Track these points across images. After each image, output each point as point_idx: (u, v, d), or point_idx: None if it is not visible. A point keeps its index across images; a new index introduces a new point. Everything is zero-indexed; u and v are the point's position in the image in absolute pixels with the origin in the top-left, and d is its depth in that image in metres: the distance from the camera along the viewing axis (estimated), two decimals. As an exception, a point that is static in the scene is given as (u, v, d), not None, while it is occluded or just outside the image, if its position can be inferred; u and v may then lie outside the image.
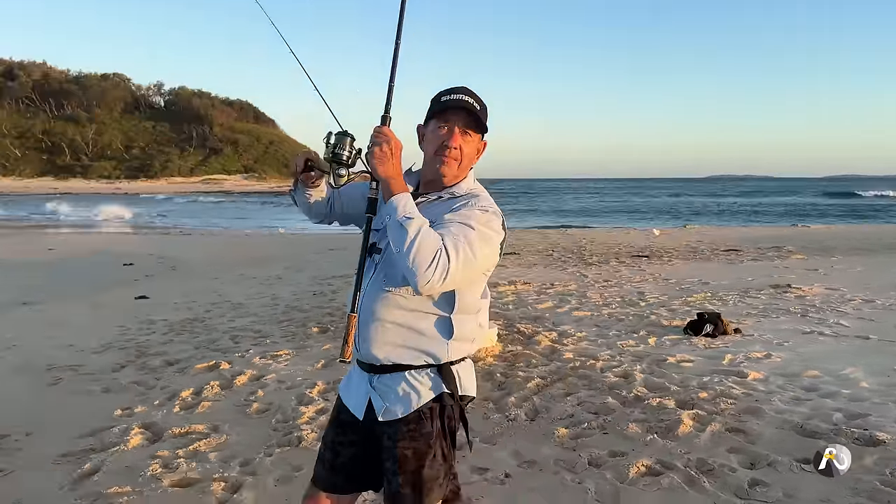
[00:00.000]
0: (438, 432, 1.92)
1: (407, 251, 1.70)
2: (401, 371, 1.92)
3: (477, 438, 3.99)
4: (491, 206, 1.93)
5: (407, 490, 1.90)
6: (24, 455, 3.93)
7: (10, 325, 7.74)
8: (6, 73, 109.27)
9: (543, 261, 13.03)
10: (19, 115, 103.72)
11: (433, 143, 1.96)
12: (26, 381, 5.49)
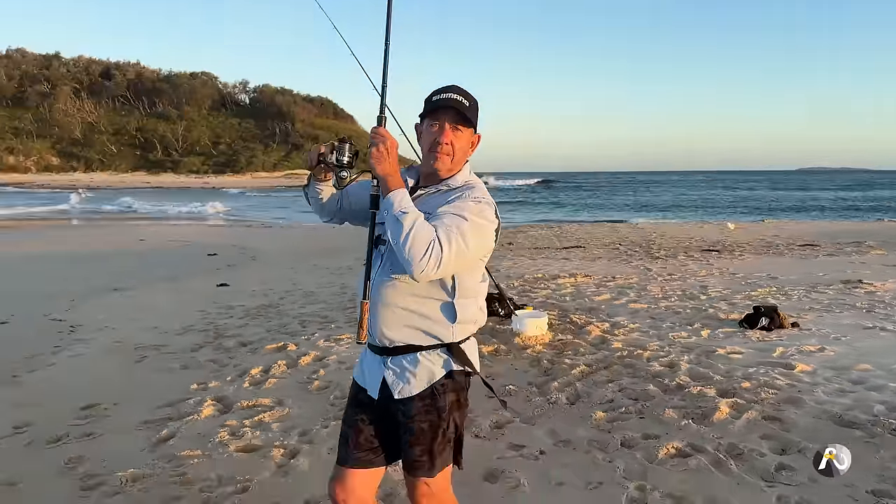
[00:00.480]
0: (452, 405, 2.12)
1: (403, 243, 1.89)
2: (413, 352, 2.10)
3: (517, 419, 4.23)
4: (484, 197, 2.09)
5: (424, 458, 2.11)
6: (111, 422, 4.41)
7: (103, 309, 8.44)
8: (103, 73, 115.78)
9: (609, 254, 13.03)
10: (115, 112, 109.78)
11: (427, 141, 2.13)
12: (116, 359, 6.05)
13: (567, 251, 13.67)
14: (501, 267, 11.18)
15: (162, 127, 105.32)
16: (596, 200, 53.01)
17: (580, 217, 32.39)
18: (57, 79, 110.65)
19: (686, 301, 7.83)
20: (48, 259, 13.93)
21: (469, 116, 2.11)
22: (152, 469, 3.63)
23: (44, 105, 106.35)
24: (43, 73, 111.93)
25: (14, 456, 3.90)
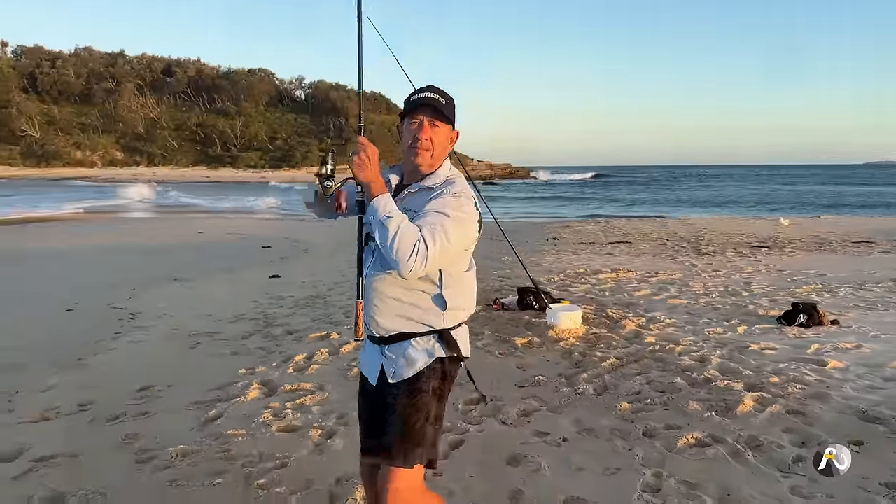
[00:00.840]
0: (434, 391, 2.22)
1: (390, 246, 2.03)
2: (406, 339, 2.23)
3: (544, 408, 4.39)
4: (464, 192, 2.21)
5: (399, 444, 2.19)
6: (164, 402, 4.75)
7: (163, 298, 8.89)
8: (165, 70, 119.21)
9: (655, 250, 12.98)
10: (176, 108, 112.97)
11: (407, 138, 2.25)
12: (172, 345, 6.43)
13: (612, 246, 13.66)
14: (544, 262, 11.29)
15: (221, 123, 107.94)
16: (649, 195, 52.24)
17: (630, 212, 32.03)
18: (121, 76, 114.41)
19: (727, 297, 7.82)
20: (113, 250, 14.62)
21: (446, 113, 2.24)
22: (200, 446, 3.93)
23: (109, 101, 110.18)
24: (108, 70, 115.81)
25: (77, 431, 4.25)
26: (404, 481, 2.18)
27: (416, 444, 2.19)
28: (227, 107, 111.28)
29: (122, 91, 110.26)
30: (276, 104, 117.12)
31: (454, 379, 2.32)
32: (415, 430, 2.19)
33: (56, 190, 49.68)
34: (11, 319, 7.70)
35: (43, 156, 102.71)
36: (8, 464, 3.77)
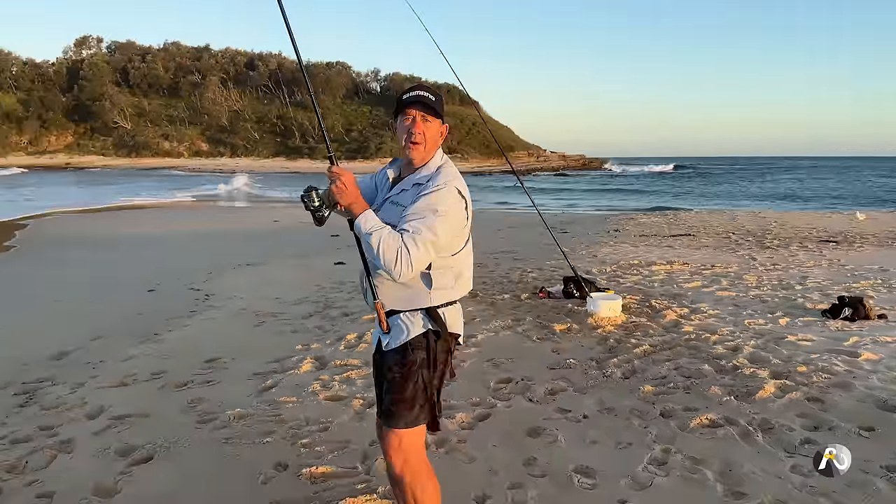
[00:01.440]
0: (422, 362, 2.43)
1: (377, 257, 2.27)
2: (397, 314, 2.46)
3: (570, 388, 4.65)
4: (447, 183, 2.39)
5: (393, 408, 2.43)
6: (228, 372, 5.26)
7: (237, 281, 9.54)
8: (248, 63, 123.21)
9: (717, 243, 12.87)
10: (258, 101, 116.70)
11: (401, 133, 2.46)
12: (240, 322, 6.99)
13: (674, 239, 13.61)
14: (599, 253, 11.41)
15: (300, 115, 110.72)
16: (728, 187, 50.73)
17: (703, 205, 31.35)
18: (207, 69, 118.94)
19: (778, 291, 7.81)
20: (197, 237, 15.57)
21: (436, 109, 2.45)
22: (255, 410, 4.39)
23: (195, 94, 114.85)
24: (195, 64, 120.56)
25: (150, 395, 4.79)
26: (402, 440, 2.46)
27: (408, 408, 2.44)
28: (306, 99, 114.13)
29: (208, 84, 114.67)
30: (352, 97, 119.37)
31: (450, 351, 2.54)
32: (405, 395, 2.44)
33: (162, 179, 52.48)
34: (101, 298, 8.48)
35: (133, 146, 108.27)
36: (91, 420, 4.33)
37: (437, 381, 2.50)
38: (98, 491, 3.40)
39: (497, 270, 9.63)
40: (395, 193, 2.52)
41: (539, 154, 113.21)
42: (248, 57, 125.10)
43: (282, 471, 3.53)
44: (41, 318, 7.46)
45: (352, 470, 3.51)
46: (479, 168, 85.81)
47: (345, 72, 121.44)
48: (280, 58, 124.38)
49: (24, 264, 11.66)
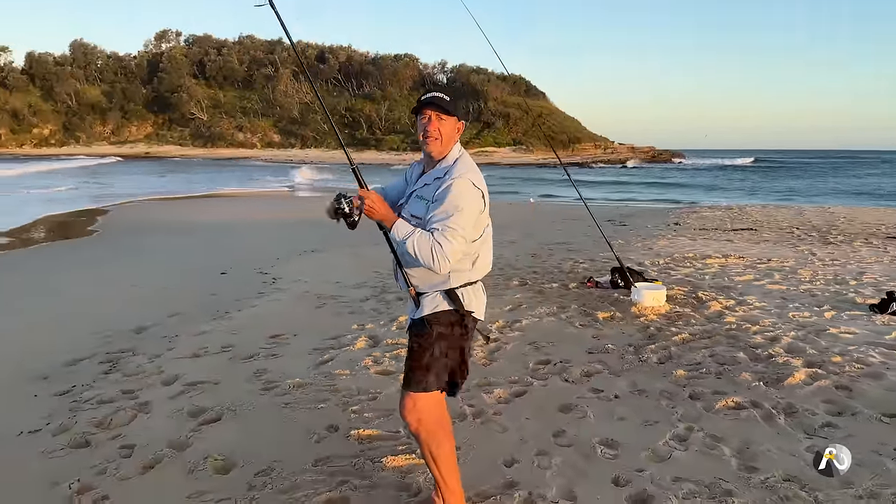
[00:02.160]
0: (438, 335, 2.72)
1: (415, 259, 2.57)
2: (423, 294, 2.77)
3: (606, 371, 4.90)
4: (463, 175, 2.63)
5: (410, 373, 2.75)
6: (289, 348, 5.71)
7: (302, 266, 10.07)
8: (319, 56, 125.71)
9: (779, 237, 12.72)
10: (328, 93, 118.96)
11: (420, 132, 2.73)
12: (302, 304, 7.47)
13: (734, 233, 13.50)
14: (655, 246, 11.48)
15: (367, 107, 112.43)
16: (809, 182, 49.02)
17: (774, 199, 30.52)
18: (279, 62, 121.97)
19: (830, 285, 7.79)
20: (265, 224, 16.32)
21: (449, 108, 2.70)
22: (312, 380, 4.81)
23: (268, 87, 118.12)
24: (268, 57, 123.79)
25: (219, 366, 5.28)
26: (417, 402, 2.76)
27: (423, 374, 2.74)
28: (374, 91, 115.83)
29: (280, 77, 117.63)
30: (418, 88, 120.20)
31: (467, 328, 2.81)
32: (422, 363, 2.75)
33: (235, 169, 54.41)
34: (178, 280, 9.14)
35: (209, 137, 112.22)
36: (167, 386, 4.83)
37: (455, 352, 2.79)
38: (172, 444, 3.86)
39: (549, 261, 9.86)
40: (419, 187, 2.80)
41: (606, 146, 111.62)
42: (318, 50, 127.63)
43: (333, 432, 3.93)
44: (123, 297, 8.12)
45: (395, 434, 3.87)
46: (544, 160, 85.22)
47: (412, 64, 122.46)
48: (350, 50, 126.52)
49: (105, 248, 12.55)
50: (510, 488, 3.24)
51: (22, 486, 3.47)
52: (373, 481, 3.34)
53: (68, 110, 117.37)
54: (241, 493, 3.26)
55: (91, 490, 3.38)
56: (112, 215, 18.34)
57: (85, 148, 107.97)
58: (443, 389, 2.84)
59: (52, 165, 50.49)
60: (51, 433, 4.11)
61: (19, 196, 24.40)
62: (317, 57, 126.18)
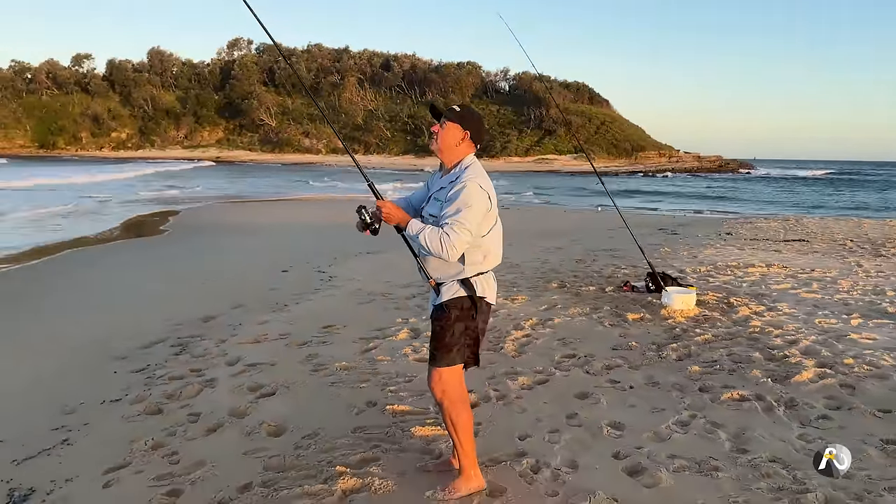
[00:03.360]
0: (456, 317, 3.17)
1: (427, 250, 3.04)
2: (442, 283, 3.21)
3: (625, 365, 5.28)
4: (471, 180, 3.08)
5: (434, 351, 3.22)
6: (338, 337, 6.28)
7: (357, 266, 10.70)
8: (383, 64, 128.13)
9: (829, 249, 12.68)
10: (391, 101, 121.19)
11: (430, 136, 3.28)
12: (353, 300, 8.05)
13: (785, 244, 13.51)
14: (701, 254, 11.65)
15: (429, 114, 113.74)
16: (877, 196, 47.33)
17: (837, 212, 29.77)
18: (345, 70, 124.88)
19: (867, 295, 7.91)
20: (325, 226, 17.09)
21: (451, 116, 3.21)
22: (356, 364, 5.36)
23: (334, 94, 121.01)
24: (334, 65, 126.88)
25: (276, 350, 5.88)
26: (442, 375, 3.24)
27: (446, 352, 3.19)
28: (436, 99, 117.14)
29: (346, 84, 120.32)
30: (480, 96, 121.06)
31: (481, 310, 3.27)
32: (444, 342, 3.20)
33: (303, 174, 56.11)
34: (244, 277, 9.88)
35: (277, 143, 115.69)
36: (230, 366, 5.46)
37: (472, 331, 3.25)
38: (233, 413, 4.45)
39: (592, 266, 10.21)
40: (435, 191, 3.31)
41: (671, 154, 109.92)
42: (383, 58, 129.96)
43: (371, 406, 4.46)
44: (192, 290, 8.89)
45: (425, 410, 4.36)
46: (605, 168, 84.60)
47: (475, 71, 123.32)
48: (413, 58, 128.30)
49: (175, 246, 13.50)
50: (520, 457, 3.69)
51: (106, 443, 4.11)
52: (401, 446, 3.85)
53: (144, 115, 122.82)
54: (289, 451, 3.81)
55: (162, 447, 3.99)
56: (183, 216, 19.49)
57: (159, 151, 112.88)
58: (465, 364, 3.31)
59: (150, 169, 53.55)
60: (129, 402, 4.77)
61: (106, 200, 26.09)
62: (382, 65, 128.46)
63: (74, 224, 17.12)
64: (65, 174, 39.79)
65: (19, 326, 7.03)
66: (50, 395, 5.03)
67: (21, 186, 30.88)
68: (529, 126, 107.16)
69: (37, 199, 23.36)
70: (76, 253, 12.40)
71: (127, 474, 3.69)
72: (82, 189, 30.42)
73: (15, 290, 8.92)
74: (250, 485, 3.44)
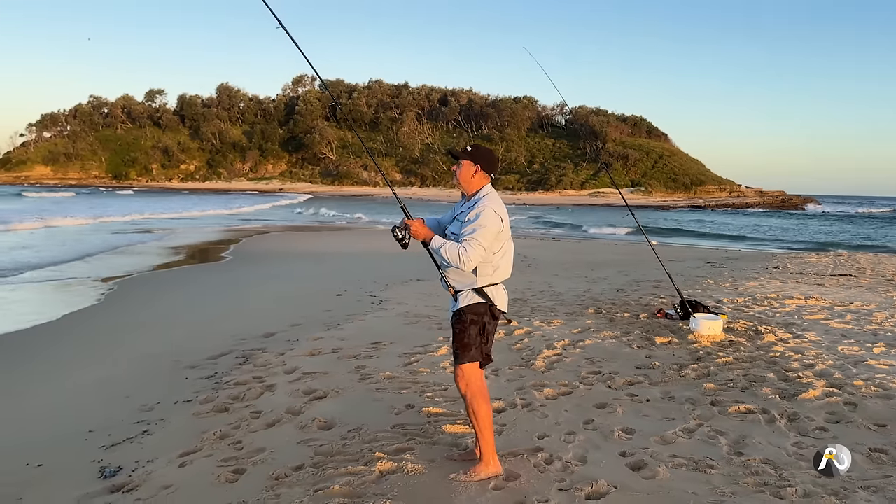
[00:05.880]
0: (471, 321, 3.72)
1: (448, 262, 3.62)
2: (459, 291, 3.85)
3: (645, 381, 5.72)
4: (487, 205, 3.65)
5: (457, 351, 3.78)
6: (386, 351, 6.89)
7: (406, 291, 11.34)
8: (441, 99, 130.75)
9: (875, 284, 12.71)
10: (448, 134, 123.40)
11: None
12: (401, 320, 8.67)
13: (831, 278, 13.58)
14: (742, 286, 11.88)
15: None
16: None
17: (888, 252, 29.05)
18: (404, 105, 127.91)
19: (899, 327, 8.10)
20: (378, 255, 17.87)
21: (463, 156, 3.82)
22: (399, 374, 5.95)
23: (392, 128, 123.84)
24: (394, 101, 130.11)
25: (329, 362, 6.51)
26: (464, 371, 3.80)
27: (466, 351, 3.78)
28: (492, 133, 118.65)
29: (404, 119, 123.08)
30: (536, 129, 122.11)
31: (494, 317, 3.84)
32: (463, 342, 3.77)
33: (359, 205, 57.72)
34: (303, 298, 10.63)
35: (336, 175, 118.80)
36: (287, 374, 6.11)
37: (485, 333, 3.82)
38: (289, 411, 5.08)
39: (632, 295, 10.60)
40: (458, 214, 3.92)
41: (732, 189, 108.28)
42: (441, 93, 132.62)
43: (409, 408, 5.03)
44: (254, 310, 9.66)
45: (456, 413, 4.91)
46: (663, 202, 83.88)
47: (531, 106, 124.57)
48: (470, 93, 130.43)
49: (237, 271, 14.43)
50: (536, 451, 4.19)
51: (180, 434, 4.78)
52: (433, 440, 4.40)
53: (212, 148, 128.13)
54: (336, 441, 4.41)
55: (228, 437, 4.64)
56: (243, 244, 20.63)
57: (225, 183, 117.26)
58: (481, 363, 3.86)
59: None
60: (199, 402, 5.46)
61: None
62: (439, 100, 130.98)
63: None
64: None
65: (117, 334, 7.89)
66: (130, 396, 5.77)
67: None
68: (585, 159, 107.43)
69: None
70: (146, 275, 13.45)
71: (198, 457, 4.34)
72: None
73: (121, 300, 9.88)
74: (302, 466, 4.04)
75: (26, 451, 4.58)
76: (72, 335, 8.07)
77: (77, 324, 8.72)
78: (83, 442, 4.75)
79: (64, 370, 6.59)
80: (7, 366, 6.73)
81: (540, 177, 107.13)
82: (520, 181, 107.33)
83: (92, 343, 7.64)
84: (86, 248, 18.31)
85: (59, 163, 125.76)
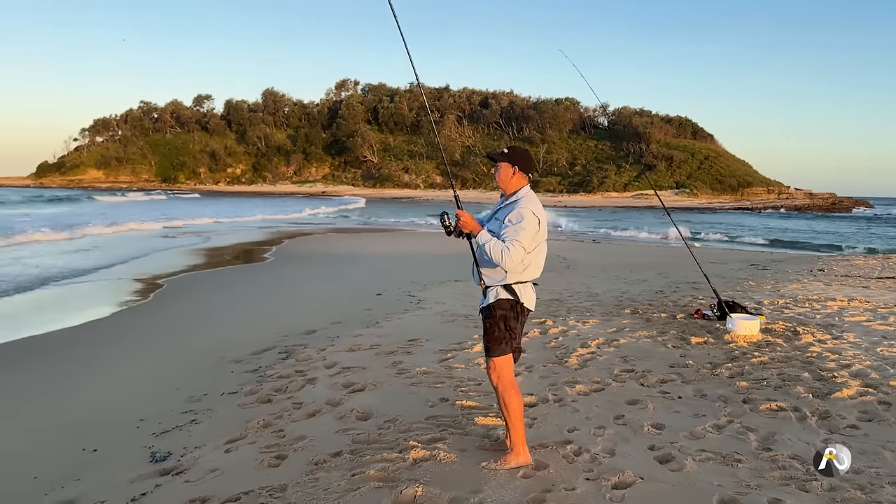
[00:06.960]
0: (501, 316, 3.86)
1: (490, 258, 3.75)
2: (489, 287, 3.97)
3: (678, 379, 5.77)
4: (525, 206, 3.80)
5: (488, 344, 3.93)
6: (422, 348, 7.06)
7: (444, 291, 11.51)
8: (482, 102, 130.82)
9: (924, 287, 12.42)
10: (489, 137, 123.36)
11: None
12: (438, 319, 8.84)
13: (877, 281, 13.30)
14: (784, 288, 11.74)
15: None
16: None
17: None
18: (445, 108, 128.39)
19: (944, 329, 7.95)
20: (418, 255, 18.11)
21: (501, 158, 3.97)
22: (434, 369, 6.12)
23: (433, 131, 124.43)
24: (435, 104, 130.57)
25: (367, 358, 6.71)
26: (496, 364, 3.95)
27: (497, 344, 3.94)
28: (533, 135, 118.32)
29: (445, 122, 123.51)
30: (578, 131, 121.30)
31: (522, 312, 3.97)
32: (494, 336, 3.92)
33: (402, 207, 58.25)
34: (343, 298, 10.90)
35: (378, 178, 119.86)
36: (328, 369, 6.32)
37: (513, 328, 3.95)
38: (329, 402, 5.28)
39: (670, 297, 10.58)
40: (497, 212, 4.07)
41: (780, 191, 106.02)
42: (482, 95, 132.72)
43: (444, 402, 5.19)
44: (296, 309, 9.95)
45: (488, 406, 5.05)
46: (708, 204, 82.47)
47: (573, 107, 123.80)
48: (511, 96, 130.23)
49: (278, 272, 14.80)
50: (566, 444, 4.31)
51: (226, 423, 5.03)
52: (465, 431, 4.56)
53: (258, 152, 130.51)
54: (373, 430, 4.59)
55: (271, 426, 4.86)
56: (285, 245, 21.09)
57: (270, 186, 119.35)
58: (514, 357, 4.01)
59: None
60: (244, 394, 5.71)
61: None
62: (480, 102, 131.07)
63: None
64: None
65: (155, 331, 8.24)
66: (179, 388, 6.05)
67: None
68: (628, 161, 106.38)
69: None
70: (194, 275, 13.91)
71: (243, 444, 4.57)
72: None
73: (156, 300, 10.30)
74: (340, 452, 4.23)
75: (83, 437, 4.88)
76: (125, 331, 8.45)
77: (130, 320, 9.12)
78: (135, 429, 5.03)
79: (118, 364, 6.93)
80: (68, 357, 7.12)
81: (582, 179, 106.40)
82: (561, 183, 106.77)
83: (143, 339, 8.00)
84: (152, 248, 18.98)
85: (111, 167, 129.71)
